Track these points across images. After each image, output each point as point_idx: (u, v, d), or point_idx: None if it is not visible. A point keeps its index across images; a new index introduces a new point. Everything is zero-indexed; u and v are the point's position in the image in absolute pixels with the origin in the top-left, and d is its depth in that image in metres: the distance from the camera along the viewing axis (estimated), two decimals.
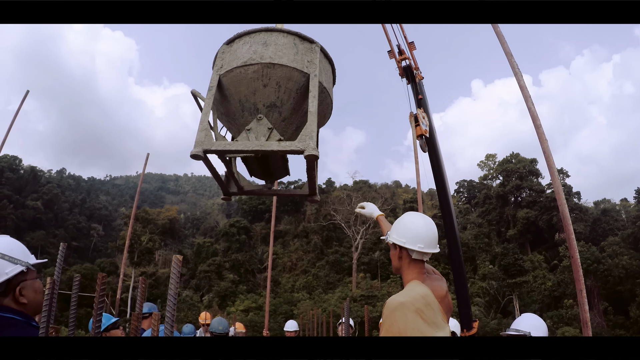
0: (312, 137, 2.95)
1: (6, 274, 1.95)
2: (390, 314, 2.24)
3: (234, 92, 3.27)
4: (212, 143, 2.94)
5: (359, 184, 69.97)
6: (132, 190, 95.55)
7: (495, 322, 40.16)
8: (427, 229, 2.53)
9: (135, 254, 52.63)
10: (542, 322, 3.40)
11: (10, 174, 78.24)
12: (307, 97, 3.18)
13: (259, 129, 3.19)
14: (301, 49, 3.26)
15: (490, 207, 60.41)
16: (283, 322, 7.61)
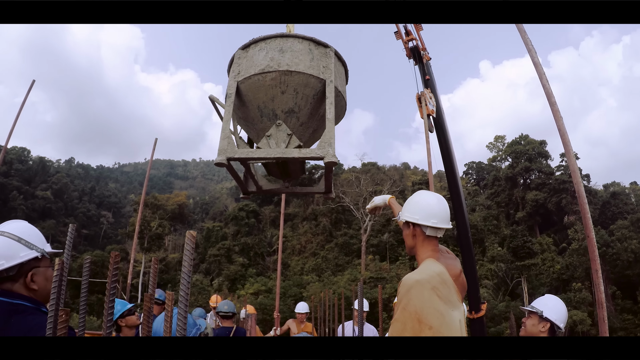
0: (330, 144, 3.04)
1: (20, 258, 1.96)
2: (407, 293, 2.22)
3: (252, 99, 3.33)
4: (235, 151, 3.04)
5: (367, 166, 69.65)
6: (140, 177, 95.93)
7: (503, 304, 40.22)
8: (439, 204, 2.51)
9: (145, 239, 53.11)
10: (561, 306, 3.32)
11: (20, 165, 79.04)
12: (323, 102, 3.26)
13: (279, 135, 3.27)
14: (316, 54, 3.31)
15: (499, 189, 60.08)
16: (293, 304, 7.66)
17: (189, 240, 1.15)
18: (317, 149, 3.04)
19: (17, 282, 1.97)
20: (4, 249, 1.96)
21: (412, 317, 2.15)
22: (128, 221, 67.92)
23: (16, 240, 1.99)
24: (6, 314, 1.87)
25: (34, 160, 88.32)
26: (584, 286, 41.81)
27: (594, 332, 36.92)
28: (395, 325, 2.23)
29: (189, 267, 1.14)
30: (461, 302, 2.40)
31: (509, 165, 60.70)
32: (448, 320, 2.17)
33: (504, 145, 64.74)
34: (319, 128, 3.54)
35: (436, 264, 2.37)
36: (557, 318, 3.18)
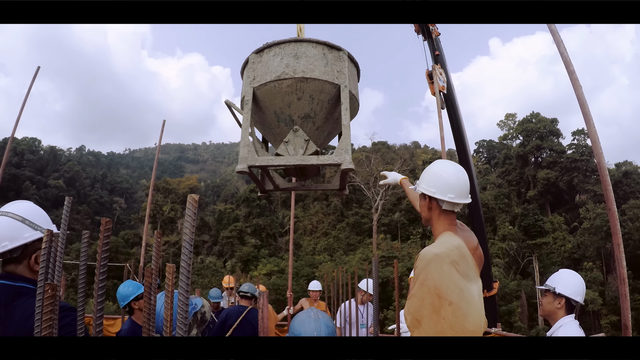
0: (347, 150, 3.11)
1: (24, 239, 1.91)
2: (426, 267, 2.12)
3: (269, 105, 3.38)
4: (255, 159, 3.15)
5: (377, 146, 69.32)
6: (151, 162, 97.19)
7: (514, 283, 40.20)
8: (457, 177, 2.35)
9: (158, 223, 53.67)
10: (576, 279, 3.16)
11: (31, 155, 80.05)
12: (337, 106, 3.34)
13: (296, 140, 3.36)
14: (330, 58, 3.34)
15: (510, 167, 59.61)
16: (305, 284, 7.71)
17: (190, 205, 1.08)
18: (335, 156, 3.12)
19: (21, 264, 1.93)
20: (7, 230, 1.91)
21: (430, 293, 2.07)
22: (140, 206, 68.62)
23: (20, 221, 1.94)
24: (9, 297, 1.83)
25: (44, 150, 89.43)
26: (595, 265, 41.60)
27: (605, 311, 36.89)
28: (412, 300, 2.15)
29: (191, 234, 1.08)
30: (479, 275, 2.31)
31: (520, 143, 60.10)
32: (467, 296, 2.10)
33: (515, 123, 64.00)
34: (333, 130, 3.67)
35: (454, 237, 2.27)
36: (573, 292, 3.06)
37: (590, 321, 36.66)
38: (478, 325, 2.10)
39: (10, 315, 1.79)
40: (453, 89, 8.98)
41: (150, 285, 1.24)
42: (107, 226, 1.14)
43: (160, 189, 60.23)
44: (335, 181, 3.85)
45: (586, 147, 54.44)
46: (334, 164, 3.14)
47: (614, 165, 59.94)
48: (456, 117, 8.91)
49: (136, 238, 55.71)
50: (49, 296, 1.21)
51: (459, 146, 9.08)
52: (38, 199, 64.81)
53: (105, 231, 1.13)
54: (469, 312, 2.06)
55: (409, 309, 2.15)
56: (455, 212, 2.38)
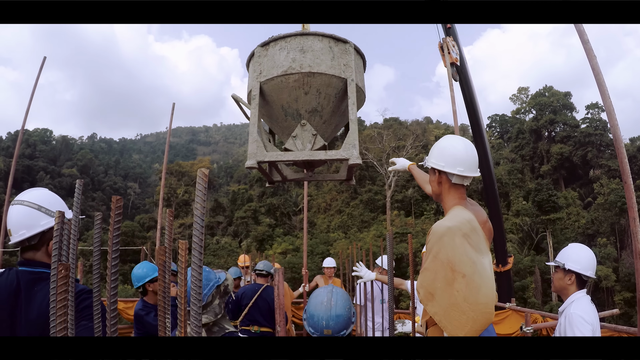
0: (355, 145, 3.12)
1: (41, 226, 1.95)
2: (438, 240, 2.15)
3: (276, 99, 3.39)
4: (264, 154, 3.18)
5: (389, 122, 68.71)
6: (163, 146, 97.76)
7: (528, 258, 40.10)
8: (466, 151, 2.37)
9: (173, 206, 54.22)
10: (586, 253, 3.11)
11: (43, 146, 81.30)
12: (344, 99, 3.34)
13: (304, 135, 3.38)
14: (336, 52, 3.31)
15: (523, 142, 58.97)
16: (320, 261, 7.78)
17: (200, 180, 1.07)
18: (342, 151, 3.13)
19: (40, 251, 1.96)
20: (24, 218, 1.94)
21: (444, 266, 2.09)
22: (154, 190, 69.38)
23: (36, 209, 1.97)
24: (29, 283, 1.87)
25: (57, 139, 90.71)
26: (609, 241, 41.27)
27: (618, 287, 36.69)
28: (425, 274, 2.17)
29: (202, 208, 1.07)
30: (489, 249, 2.32)
31: (533, 117, 59.35)
32: (480, 268, 2.11)
33: (528, 97, 63.11)
34: (339, 123, 3.70)
35: (465, 211, 2.29)
36: (582, 267, 3.01)
37: (603, 297, 36.53)
38: (490, 297, 2.13)
39: (32, 301, 1.84)
40: (465, 62, 8.82)
41: (164, 264, 1.24)
42: (118, 204, 1.13)
43: (173, 173, 60.74)
44: (342, 171, 3.90)
45: (600, 121, 53.59)
46: (341, 159, 3.17)
47: (629, 140, 59.03)
48: (469, 91, 8.77)
49: (151, 222, 56.38)
50: (63, 276, 1.21)
51: (472, 120, 8.95)
52: (53, 188, 65.46)
53: (117, 209, 1.13)
54: (482, 285, 2.08)
55: (422, 282, 2.18)
56: (465, 186, 2.40)
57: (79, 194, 1.30)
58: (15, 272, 1.91)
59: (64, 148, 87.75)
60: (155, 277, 4.24)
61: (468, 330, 2.03)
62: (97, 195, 74.15)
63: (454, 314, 2.05)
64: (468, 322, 2.03)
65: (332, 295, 2.23)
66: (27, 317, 1.81)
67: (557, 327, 3.01)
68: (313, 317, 2.18)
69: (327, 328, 2.14)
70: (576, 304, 2.92)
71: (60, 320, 1.26)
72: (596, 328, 2.83)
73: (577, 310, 2.84)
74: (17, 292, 1.85)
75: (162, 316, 1.26)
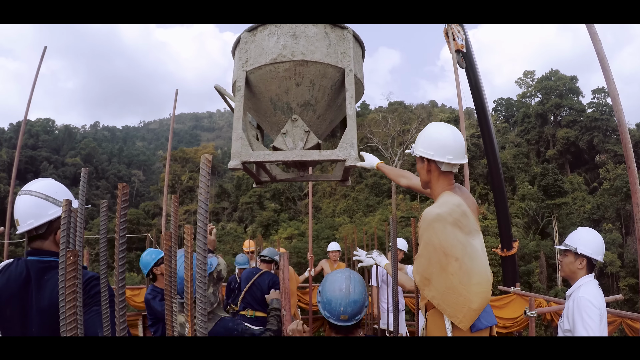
0: (352, 144, 2.85)
1: (49, 216, 1.98)
2: (429, 226, 2.21)
3: (264, 91, 3.08)
4: (250, 153, 2.88)
5: (394, 105, 68.23)
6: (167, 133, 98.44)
7: (533, 243, 40.03)
8: (454, 139, 2.39)
9: (177, 193, 54.38)
10: (595, 237, 3.10)
11: (46, 136, 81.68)
12: (341, 91, 3.05)
13: (295, 132, 3.07)
14: (333, 38, 3.00)
15: (529, 126, 58.55)
16: (326, 246, 7.81)
17: (204, 165, 1.08)
18: (339, 151, 2.86)
19: (47, 240, 2.00)
20: (32, 208, 1.97)
21: (436, 251, 2.16)
22: (159, 177, 69.52)
23: (43, 199, 2.00)
24: (39, 272, 1.90)
25: (59, 129, 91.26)
26: (615, 227, 41.11)
27: (623, 273, 36.66)
28: (420, 260, 2.25)
29: (206, 193, 1.08)
30: (480, 229, 2.38)
31: (539, 101, 58.85)
32: (470, 251, 2.18)
33: (534, 81, 62.49)
34: (335, 118, 3.42)
35: (454, 196, 2.34)
36: (594, 251, 3.01)
37: (608, 283, 36.53)
38: (484, 278, 2.20)
39: (43, 289, 1.86)
40: (471, 48, 8.75)
41: (169, 249, 1.25)
42: (125, 191, 1.14)
43: (177, 159, 60.77)
44: (337, 171, 3.67)
45: (606, 106, 53.05)
46: (337, 160, 2.92)
47: (635, 125, 58.50)
48: (475, 77, 8.73)
49: (156, 209, 56.60)
50: (71, 262, 1.23)
51: (478, 106, 8.93)
52: (57, 178, 65.58)
53: (123, 196, 1.14)
54: (473, 267, 2.15)
55: (417, 268, 2.26)
56: (453, 173, 2.45)
57: (84, 183, 1.31)
58: (24, 262, 1.94)
59: (66, 137, 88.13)
60: (159, 259, 4.29)
61: (466, 311, 2.10)
62: (102, 184, 74.45)
63: (451, 297, 2.12)
64: (465, 304, 2.10)
65: (351, 282, 2.26)
66: (38, 305, 1.83)
67: (564, 311, 3.01)
68: (330, 303, 2.21)
69: (344, 314, 2.18)
70: (584, 288, 2.92)
71: (69, 306, 1.28)
72: (603, 313, 2.83)
73: (586, 294, 2.83)
74: (27, 281, 1.88)
75: (168, 299, 1.27)
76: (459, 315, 2.12)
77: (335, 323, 2.20)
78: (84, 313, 1.55)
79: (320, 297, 2.30)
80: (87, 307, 1.77)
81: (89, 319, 1.74)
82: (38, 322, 1.81)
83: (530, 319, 4.35)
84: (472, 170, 42.35)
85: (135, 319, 6.80)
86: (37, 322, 1.81)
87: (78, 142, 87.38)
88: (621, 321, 4.64)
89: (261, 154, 2.95)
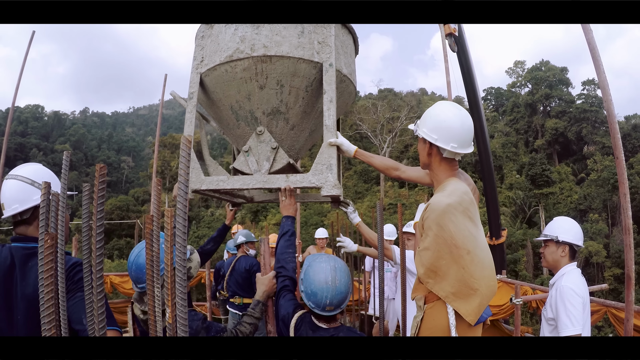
0: (330, 166, 2.29)
1: (34, 201, 1.95)
2: (439, 217, 2.02)
3: (222, 97, 2.51)
4: (202, 180, 2.39)
5: (384, 92, 68.06)
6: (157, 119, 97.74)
7: (520, 232, 40.46)
8: (462, 124, 2.14)
9: (167, 179, 53.98)
10: (573, 224, 3.11)
11: (35, 122, 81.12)
12: (321, 94, 2.38)
13: (260, 149, 2.46)
14: (307, 25, 2.37)
15: (518, 115, 58.88)
16: (314, 232, 7.80)
17: (184, 146, 1.04)
18: (312, 175, 2.27)
19: (32, 226, 1.98)
20: (17, 193, 1.96)
21: (447, 243, 2.00)
22: (148, 164, 69.01)
23: (29, 184, 1.98)
24: (23, 258, 1.88)
25: (48, 115, 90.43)
26: (601, 218, 41.59)
27: (609, 264, 37.18)
28: (427, 253, 2.06)
29: (186, 175, 1.05)
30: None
31: (529, 91, 59.14)
32: (480, 243, 2.06)
33: (524, 71, 62.77)
34: (318, 128, 2.67)
35: (461, 184, 2.16)
36: (574, 237, 3.02)
37: (594, 273, 37.00)
38: (493, 269, 2.10)
39: (27, 276, 1.84)
40: (464, 32, 8.70)
41: (151, 232, 1.22)
42: (102, 172, 1.11)
43: (167, 145, 60.22)
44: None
45: (596, 97, 53.43)
46: (311, 187, 2.34)
47: (624, 118, 59.06)
48: (466, 62, 8.67)
49: (146, 195, 56.31)
50: (49, 246, 1.20)
51: (469, 91, 8.87)
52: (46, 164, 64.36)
53: (100, 177, 1.11)
54: (484, 258, 2.04)
55: (423, 261, 2.08)
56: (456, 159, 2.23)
57: (66, 166, 1.28)
58: (8, 249, 1.92)
59: (56, 124, 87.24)
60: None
61: (478, 303, 2.00)
62: (91, 170, 73.77)
63: (463, 291, 2.00)
64: (477, 297, 1.99)
65: (337, 272, 2.20)
66: (23, 292, 1.81)
67: (547, 299, 3.02)
68: (316, 295, 2.15)
69: (330, 305, 2.14)
70: (567, 276, 2.93)
71: (47, 290, 1.25)
72: (586, 301, 2.84)
73: (569, 282, 2.84)
74: (12, 268, 1.85)
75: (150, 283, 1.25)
76: (470, 309, 1.99)
77: (319, 313, 2.16)
78: (67, 299, 1.53)
79: (304, 287, 2.21)
80: (70, 294, 1.74)
81: (74, 305, 1.72)
82: (23, 309, 1.79)
83: (516, 306, 4.38)
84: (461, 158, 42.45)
85: (124, 305, 6.77)
86: (22, 310, 1.79)
87: (67, 129, 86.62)
88: (606, 310, 4.69)
89: (215, 179, 2.40)
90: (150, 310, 1.26)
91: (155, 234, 1.25)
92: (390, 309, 6.10)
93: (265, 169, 2.41)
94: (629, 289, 3.81)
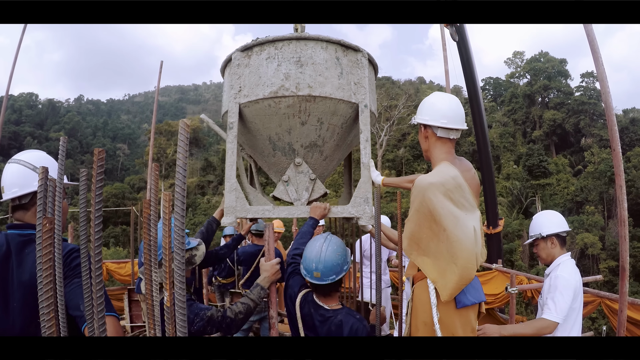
0: (367, 199, 2.47)
1: (34, 186, 1.95)
2: (420, 194, 2.18)
3: (262, 128, 2.59)
4: (247, 209, 2.48)
5: (382, 81, 67.73)
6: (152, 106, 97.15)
7: (517, 222, 40.61)
8: (450, 104, 2.38)
9: (163, 167, 53.91)
10: (552, 214, 3.23)
11: (29, 110, 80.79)
12: (353, 128, 2.62)
13: (299, 179, 2.61)
14: (345, 65, 2.53)
15: (516, 106, 58.92)
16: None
17: (182, 130, 1.04)
18: (351, 207, 2.45)
19: (29, 211, 1.98)
20: (18, 177, 1.96)
21: (427, 217, 2.14)
22: (144, 151, 68.81)
23: (31, 169, 1.98)
24: (19, 245, 1.87)
25: (43, 103, 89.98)
26: (597, 210, 41.78)
27: (604, 256, 37.39)
28: (409, 225, 2.23)
29: (184, 158, 1.05)
30: (477, 205, 2.34)
31: (528, 82, 59.13)
32: (462, 224, 2.13)
33: (523, 61, 62.72)
34: (342, 157, 2.97)
35: (451, 167, 2.29)
36: (557, 226, 3.12)
37: (589, 264, 37.23)
38: (471, 252, 2.13)
39: (23, 263, 1.84)
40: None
41: (149, 217, 1.22)
42: (101, 156, 1.10)
43: (162, 132, 60.06)
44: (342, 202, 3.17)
45: (594, 90, 53.45)
46: (349, 217, 2.54)
47: (622, 112, 59.11)
48: (466, 51, 8.65)
49: (141, 183, 56.20)
50: (47, 230, 1.19)
51: (468, 79, 8.85)
52: None
53: (99, 161, 1.10)
54: (464, 239, 2.11)
55: (406, 233, 2.24)
56: (453, 141, 2.40)
57: (63, 152, 1.27)
58: (4, 236, 1.91)
59: (50, 112, 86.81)
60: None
61: (455, 281, 2.07)
62: (86, 158, 73.70)
63: (441, 265, 2.10)
64: (453, 275, 2.07)
65: (325, 241, 2.37)
66: (19, 279, 1.80)
67: (542, 289, 3.08)
68: (306, 260, 2.36)
69: (316, 271, 2.29)
70: (562, 266, 2.99)
71: (46, 274, 1.25)
72: (579, 290, 2.91)
73: (563, 272, 2.91)
74: (7, 255, 1.84)
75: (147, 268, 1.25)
76: (448, 286, 2.08)
77: (310, 281, 2.33)
78: (65, 285, 1.52)
79: (302, 259, 2.42)
80: (68, 280, 1.73)
81: (71, 291, 1.71)
82: (19, 296, 1.78)
83: (511, 295, 4.42)
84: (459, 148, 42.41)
85: (121, 292, 6.79)
86: (19, 297, 1.78)
87: (62, 117, 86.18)
88: (600, 301, 4.74)
89: (260, 209, 2.55)
90: (147, 293, 1.26)
91: (152, 219, 1.25)
92: (383, 296, 6.13)
93: (305, 198, 2.60)
94: (622, 281, 3.85)
